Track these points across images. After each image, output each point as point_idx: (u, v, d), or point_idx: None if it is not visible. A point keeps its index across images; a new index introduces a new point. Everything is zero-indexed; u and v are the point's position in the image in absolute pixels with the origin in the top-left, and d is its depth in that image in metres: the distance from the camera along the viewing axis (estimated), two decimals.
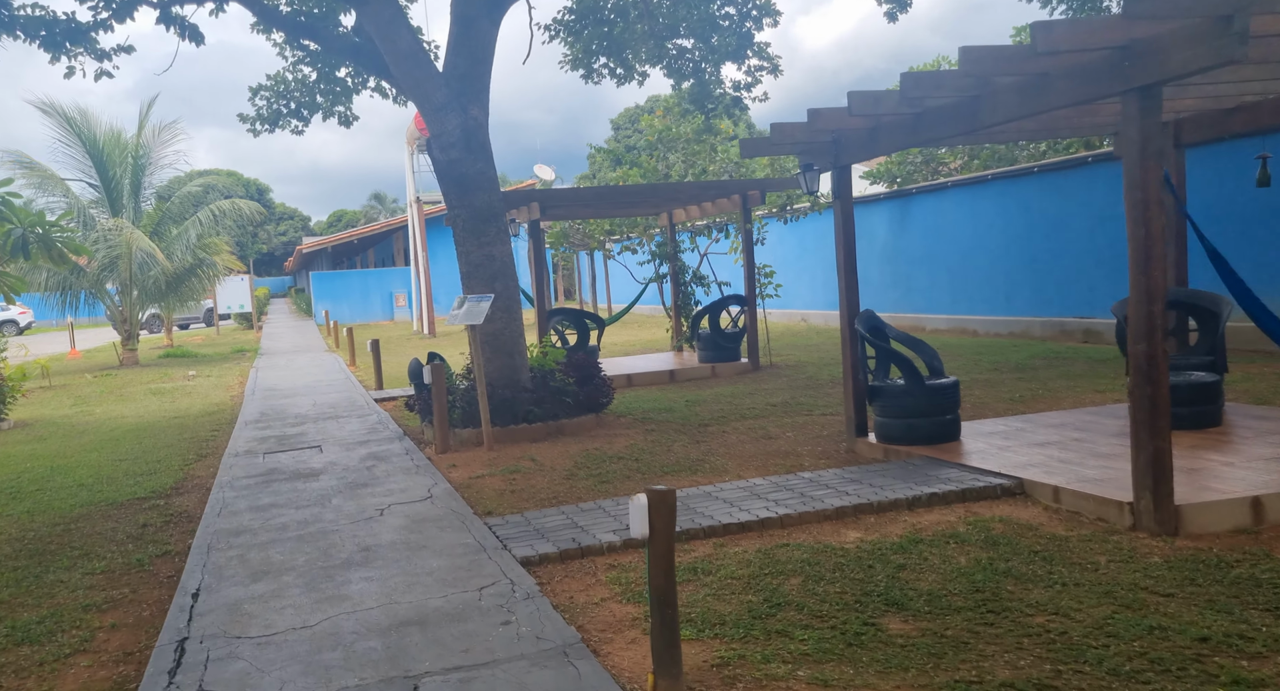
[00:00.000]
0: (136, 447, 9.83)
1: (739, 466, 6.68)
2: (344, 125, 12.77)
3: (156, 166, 21.20)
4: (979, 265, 14.38)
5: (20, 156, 19.85)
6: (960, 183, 14.80)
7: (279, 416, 11.14)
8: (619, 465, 7.00)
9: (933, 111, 5.71)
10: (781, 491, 5.68)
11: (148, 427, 11.38)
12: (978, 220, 14.34)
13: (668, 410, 9.45)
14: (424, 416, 8.89)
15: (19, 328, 42.69)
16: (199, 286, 21.96)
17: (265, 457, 8.33)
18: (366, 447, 8.44)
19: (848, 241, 6.88)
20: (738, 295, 12.73)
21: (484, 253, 8.58)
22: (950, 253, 15.05)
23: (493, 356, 8.52)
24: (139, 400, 14.62)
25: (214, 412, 12.45)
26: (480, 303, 7.88)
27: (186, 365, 20.16)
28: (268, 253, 78.70)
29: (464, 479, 6.94)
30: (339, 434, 9.38)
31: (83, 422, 12.33)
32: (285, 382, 15.16)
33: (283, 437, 9.44)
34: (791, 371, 11.98)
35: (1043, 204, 13.05)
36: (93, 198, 21.02)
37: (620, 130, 67.81)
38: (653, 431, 8.30)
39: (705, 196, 12.65)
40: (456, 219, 8.64)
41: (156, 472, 8.37)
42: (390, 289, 33.90)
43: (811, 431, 7.86)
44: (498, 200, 8.70)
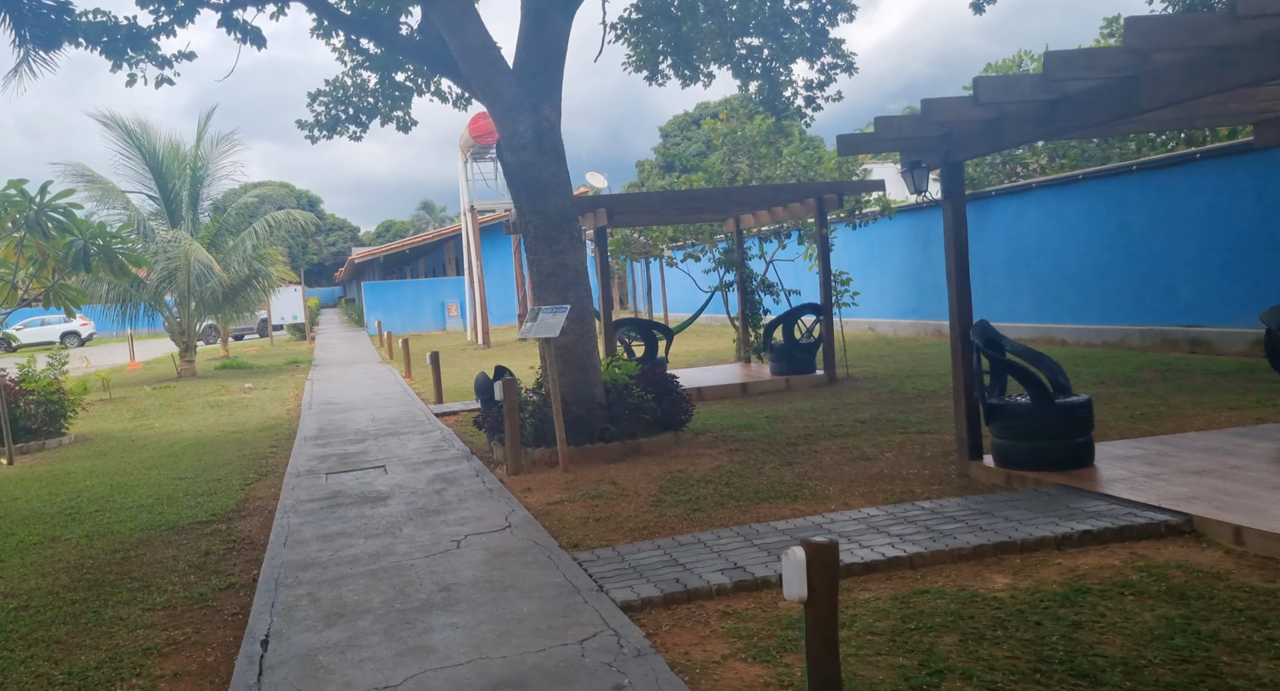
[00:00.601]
0: (196, 465, 9.53)
1: (842, 492, 6.07)
2: (402, 130, 12.45)
3: (214, 178, 21.27)
4: (1068, 271, 13.54)
5: (82, 170, 20.00)
6: (1046, 184, 13.99)
7: (338, 432, 10.79)
8: (708, 490, 6.43)
9: (1073, 97, 5.08)
10: (902, 524, 5.07)
11: (206, 443, 11.12)
12: (1066, 223, 13.52)
13: (748, 427, 8.86)
14: (491, 434, 8.43)
15: (81, 339, 43.57)
16: (254, 297, 21.94)
17: (328, 479, 7.93)
18: (433, 468, 8.00)
19: (959, 245, 6.26)
20: (813, 304, 12.10)
21: (557, 261, 8.10)
22: (1034, 258, 14.23)
23: (565, 370, 8.03)
24: (197, 413, 14.45)
25: (272, 427, 12.17)
26: (555, 314, 7.39)
27: (242, 377, 20.09)
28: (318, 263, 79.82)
29: (542, 504, 6.44)
30: (402, 452, 8.97)
31: (142, 437, 12.14)
32: (342, 395, 14.88)
33: (344, 456, 9.05)
34: (872, 384, 11.30)
35: (1142, 205, 12.20)
36: (152, 210, 21.12)
37: (669, 138, 67.50)
38: (737, 451, 7.72)
39: (778, 200, 12.06)
40: (528, 225, 8.18)
41: (217, 493, 8.02)
42: (442, 299, 33.79)
43: (912, 451, 7.21)
44: (571, 205, 8.22)
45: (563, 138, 8.27)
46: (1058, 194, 13.67)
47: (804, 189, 11.65)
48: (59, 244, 10.85)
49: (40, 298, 11.61)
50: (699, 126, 66.18)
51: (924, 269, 17.20)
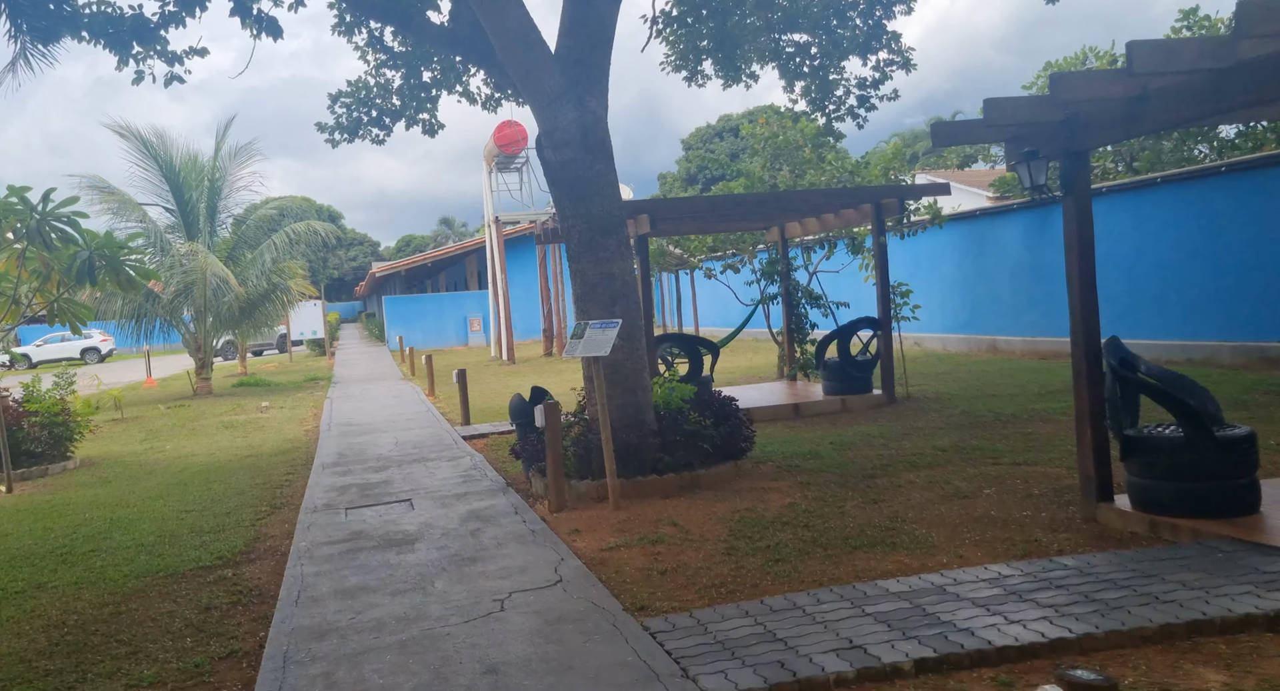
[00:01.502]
0: (205, 495, 8.73)
1: (950, 540, 5.15)
2: (428, 134, 11.69)
3: (232, 189, 20.64)
4: (1144, 282, 12.54)
5: (97, 181, 19.44)
6: (1119, 188, 13.01)
7: (358, 458, 9.96)
8: (787, 534, 5.52)
9: (1249, 66, 4.17)
10: (1047, 588, 4.14)
11: (218, 469, 10.33)
12: (1143, 230, 12.53)
13: (813, 455, 7.94)
14: (529, 464, 7.56)
15: (101, 355, 43.25)
16: (273, 312, 21.26)
17: (347, 514, 7.08)
18: (465, 503, 7.13)
19: (1084, 247, 5.34)
20: (870, 318, 11.18)
21: (602, 270, 7.25)
22: (1105, 268, 13.17)
23: (611, 393, 7.15)
24: (211, 435, 13.70)
25: (288, 451, 11.38)
26: (604, 331, 6.53)
27: (260, 395, 19.37)
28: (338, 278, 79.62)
29: (594, 551, 5.55)
30: (429, 483, 8.11)
31: (151, 461, 11.37)
32: (362, 416, 14.08)
33: (365, 487, 8.21)
34: (938, 406, 10.35)
35: (1234, 209, 11.21)
36: (169, 223, 20.52)
37: (692, 150, 66.90)
38: (809, 485, 6.80)
39: (831, 206, 11.18)
40: (570, 231, 7.34)
41: (225, 530, 7.19)
42: (465, 313, 33.07)
43: (1015, 488, 6.26)
44: (619, 208, 7.38)
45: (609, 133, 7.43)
46: (1132, 199, 12.69)
47: (861, 193, 10.76)
48: (63, 255, 10.14)
49: (45, 313, 10.88)
50: (722, 139, 65.64)
51: (976, 281, 16.24)
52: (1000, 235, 15.49)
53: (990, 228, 15.70)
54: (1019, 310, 15.08)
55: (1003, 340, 15.56)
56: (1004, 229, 15.38)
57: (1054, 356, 14.19)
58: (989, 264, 15.79)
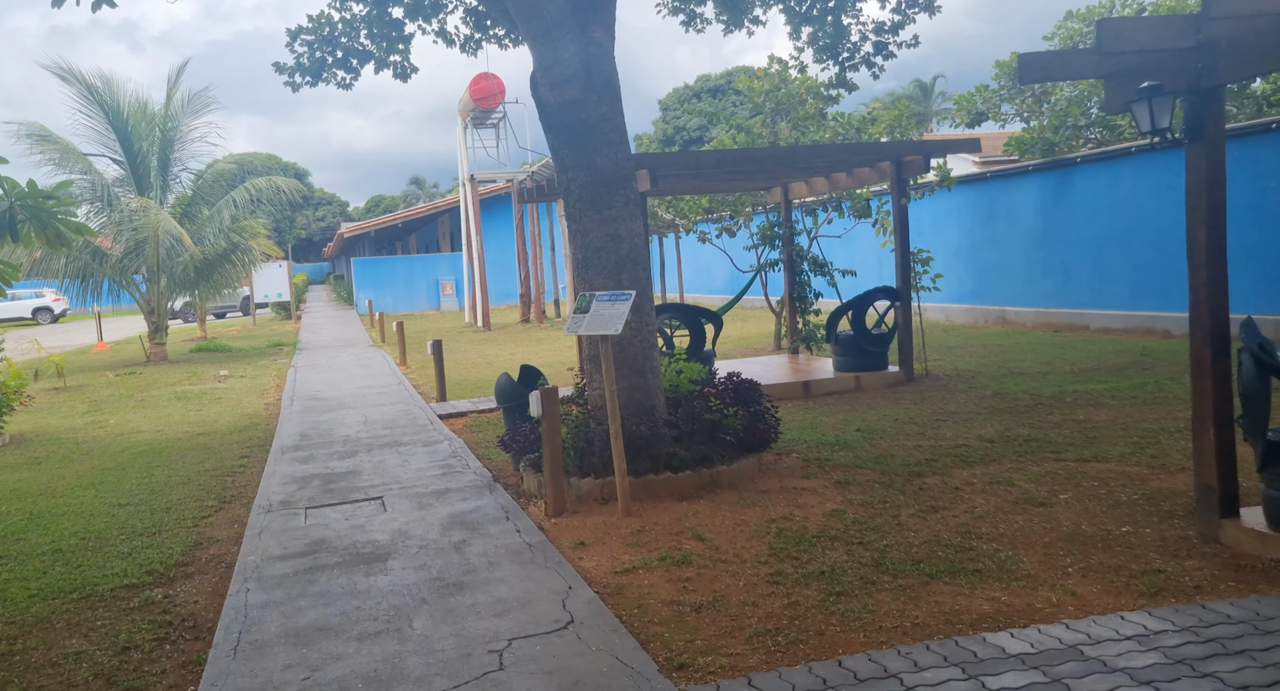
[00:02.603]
0: (145, 483, 7.62)
1: (1047, 568, 4.21)
2: (400, 78, 10.42)
3: (187, 140, 19.09)
4: (1175, 248, 11.66)
5: (36, 129, 17.83)
6: (1147, 148, 12.08)
7: (323, 439, 8.87)
8: (841, 554, 4.57)
9: None
10: (1219, 653, 3.20)
11: (164, 449, 9.20)
12: (1175, 193, 11.62)
13: (842, 445, 6.99)
14: (518, 456, 6.54)
15: (54, 315, 41.37)
16: (233, 273, 19.85)
17: (307, 516, 6.02)
18: (446, 503, 6.09)
19: (1214, 207, 4.36)
20: (887, 287, 10.21)
21: (607, 231, 6.17)
22: (1132, 234, 12.36)
23: (616, 376, 6.13)
24: (161, 407, 12.50)
25: (245, 428, 10.25)
26: (614, 304, 5.47)
27: (219, 362, 18.10)
28: (305, 238, 77.43)
29: (607, 574, 4.56)
30: (404, 475, 7.06)
31: (90, 439, 10.20)
32: (329, 388, 12.94)
33: (329, 478, 7.14)
34: (963, 385, 9.45)
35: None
36: (118, 176, 18.98)
37: (669, 112, 65.31)
38: (848, 485, 5.85)
39: (848, 164, 10.14)
40: (570, 185, 6.24)
41: (162, 530, 6.12)
42: (437, 276, 31.75)
43: (1094, 493, 5.35)
44: (627, 159, 6.28)
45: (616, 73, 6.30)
46: (1165, 160, 11.76)
47: (883, 149, 9.72)
48: None
49: None
50: (700, 100, 64.03)
51: (983, 247, 15.33)
52: (1012, 199, 14.56)
53: (1002, 191, 14.76)
54: (1031, 279, 14.20)
55: (1012, 311, 14.71)
56: (1017, 192, 14.45)
57: (1068, 329, 13.37)
58: (999, 230, 14.87)
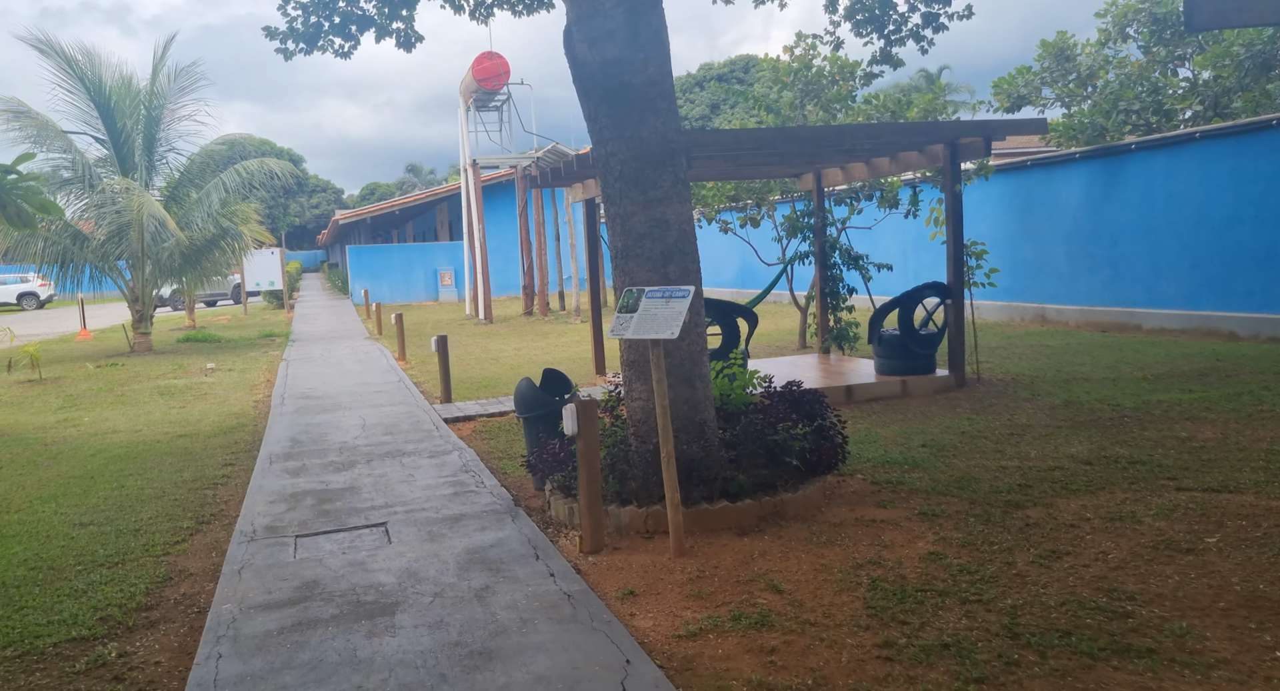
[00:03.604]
0: (114, 496, 6.71)
1: (1239, 647, 3.33)
2: (404, 47, 9.46)
3: (174, 118, 18.05)
4: (1243, 245, 10.80)
5: (14, 104, 16.80)
6: (1215, 133, 11.18)
7: (316, 447, 7.95)
8: (958, 618, 3.68)
9: None
10: None
11: (140, 454, 8.29)
12: (1241, 183, 10.75)
13: (909, 463, 6.11)
14: (541, 474, 5.63)
15: (40, 301, 40.30)
16: (223, 260, 18.84)
17: (298, 548, 5.10)
18: (462, 533, 5.18)
19: None
20: (937, 283, 9.32)
21: (653, 216, 5.26)
22: (1190, 228, 11.47)
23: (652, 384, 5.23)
24: (141, 403, 11.57)
25: (231, 430, 9.33)
26: (669, 302, 4.57)
27: (206, 353, 17.14)
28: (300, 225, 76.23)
29: (669, 639, 3.67)
30: (409, 493, 6.15)
31: (60, 440, 9.27)
32: (323, 384, 12.01)
33: (324, 496, 6.23)
34: (1023, 391, 8.57)
35: None
36: (100, 155, 17.95)
37: None
38: (936, 517, 4.96)
39: (897, 145, 9.24)
40: (609, 161, 5.32)
41: (126, 559, 5.21)
42: (435, 266, 30.75)
43: (1248, 535, 4.45)
44: (677, 130, 5.36)
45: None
46: (1232, 146, 10.87)
47: (938, 130, 8.81)
48: None
49: None
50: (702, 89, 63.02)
51: (1021, 241, 14.44)
52: (1055, 189, 13.67)
53: (1043, 180, 13.86)
54: (1075, 275, 13.32)
55: (1052, 309, 13.84)
56: (1060, 181, 13.55)
57: (1117, 329, 12.50)
58: (1038, 222, 13.98)
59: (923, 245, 16.82)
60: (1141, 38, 14.32)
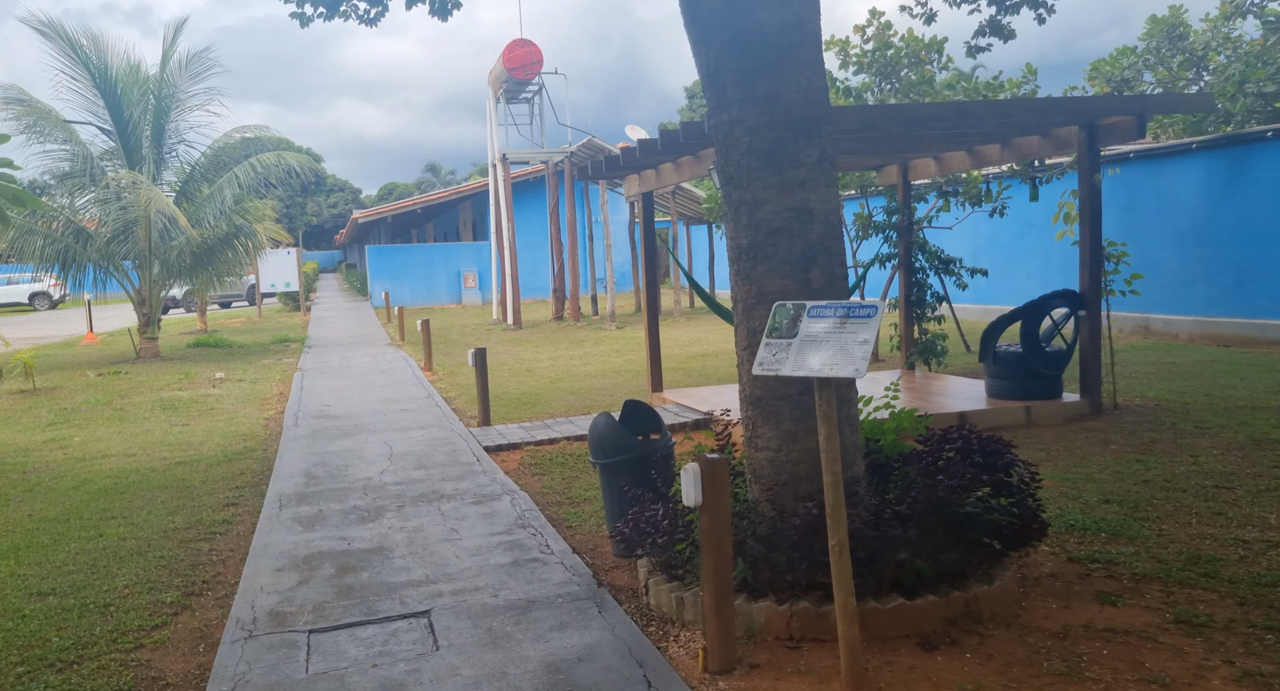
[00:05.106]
0: (89, 549, 5.43)
1: None
2: (439, 15, 8.14)
3: (185, 108, 16.84)
4: None
5: (13, 91, 15.63)
6: None
7: (335, 485, 6.62)
8: None
9: None
10: None
11: (130, 487, 7.01)
12: None
13: (1105, 529, 4.69)
14: (631, 546, 4.25)
15: (52, 301, 39.33)
16: (236, 260, 17.63)
17: (311, 653, 3.75)
18: (534, 634, 3.81)
19: None
20: (1068, 292, 7.90)
21: (791, 203, 3.90)
22: None
23: (795, 431, 3.87)
24: (141, 419, 10.31)
25: (236, 456, 8.04)
26: (847, 324, 3.19)
27: (216, 360, 15.90)
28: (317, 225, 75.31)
29: None
30: (455, 559, 4.78)
31: (42, 466, 8.01)
32: (342, 400, 10.70)
33: (345, 562, 4.88)
34: (1184, 422, 7.12)
35: None
36: (106, 147, 16.75)
37: (696, 99, 62.87)
38: (1202, 629, 3.55)
39: (1019, 128, 7.82)
40: (732, 128, 3.96)
41: (83, 661, 3.90)
42: (458, 267, 29.47)
43: None
44: (824, 88, 3.99)
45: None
46: None
47: (1074, 108, 7.37)
48: None
49: None
50: None
51: None
52: (1164, 184, 12.19)
53: (1150, 174, 12.39)
54: (1188, 282, 11.83)
55: (1159, 319, 12.36)
56: (1172, 176, 12.06)
57: (1241, 343, 11.01)
58: (1143, 221, 12.50)
59: (997, 246, 15.36)
60: (1271, 14, 12.69)
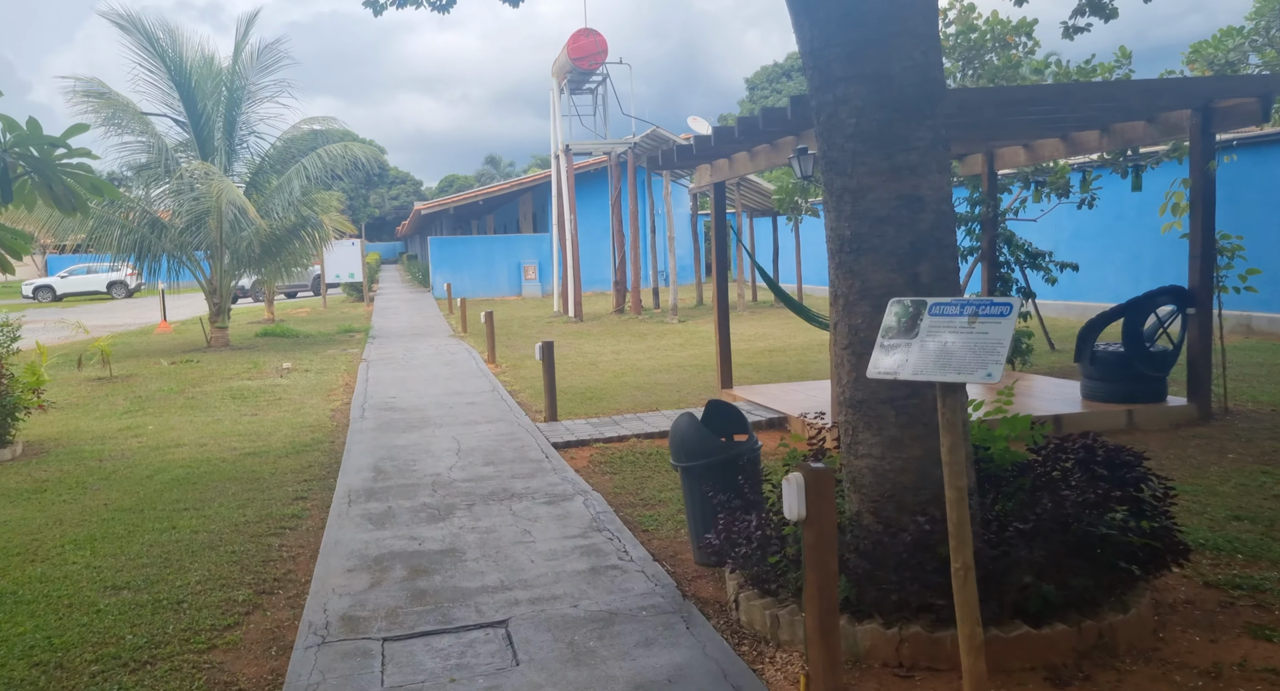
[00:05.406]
0: (161, 542, 5.38)
1: None
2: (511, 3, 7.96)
3: (255, 99, 17.04)
4: None
5: (94, 85, 15.96)
6: None
7: (404, 481, 6.49)
8: None
9: None
10: None
11: (201, 478, 7.00)
12: None
13: (1241, 550, 4.27)
14: (719, 556, 3.99)
15: (129, 290, 40.54)
16: (303, 251, 17.81)
17: (386, 665, 3.56)
18: (619, 651, 3.57)
19: None
20: (1175, 288, 7.39)
21: (900, 189, 3.59)
22: None
23: (903, 438, 3.56)
24: (211, 408, 10.39)
25: (304, 448, 8.00)
26: (976, 323, 2.87)
27: (283, 350, 16.07)
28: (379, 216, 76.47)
29: None
30: (530, 564, 4.58)
31: (117, 454, 8.07)
32: (407, 392, 10.64)
33: (417, 563, 4.71)
34: None
35: None
36: (180, 139, 17.04)
37: (757, 91, 62.15)
38: None
39: (1123, 113, 7.31)
40: (836, 108, 3.66)
41: (155, 661, 3.80)
42: (519, 259, 29.48)
43: None
44: (939, 65, 3.66)
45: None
46: None
47: (1188, 90, 6.84)
48: None
49: None
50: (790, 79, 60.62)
51: None
52: (1271, 173, 11.45)
53: (1255, 164, 11.65)
54: None
55: (1263, 317, 11.64)
56: None
57: None
58: (1245, 213, 11.77)
59: (1083, 239, 14.67)
60: None
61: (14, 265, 8.14)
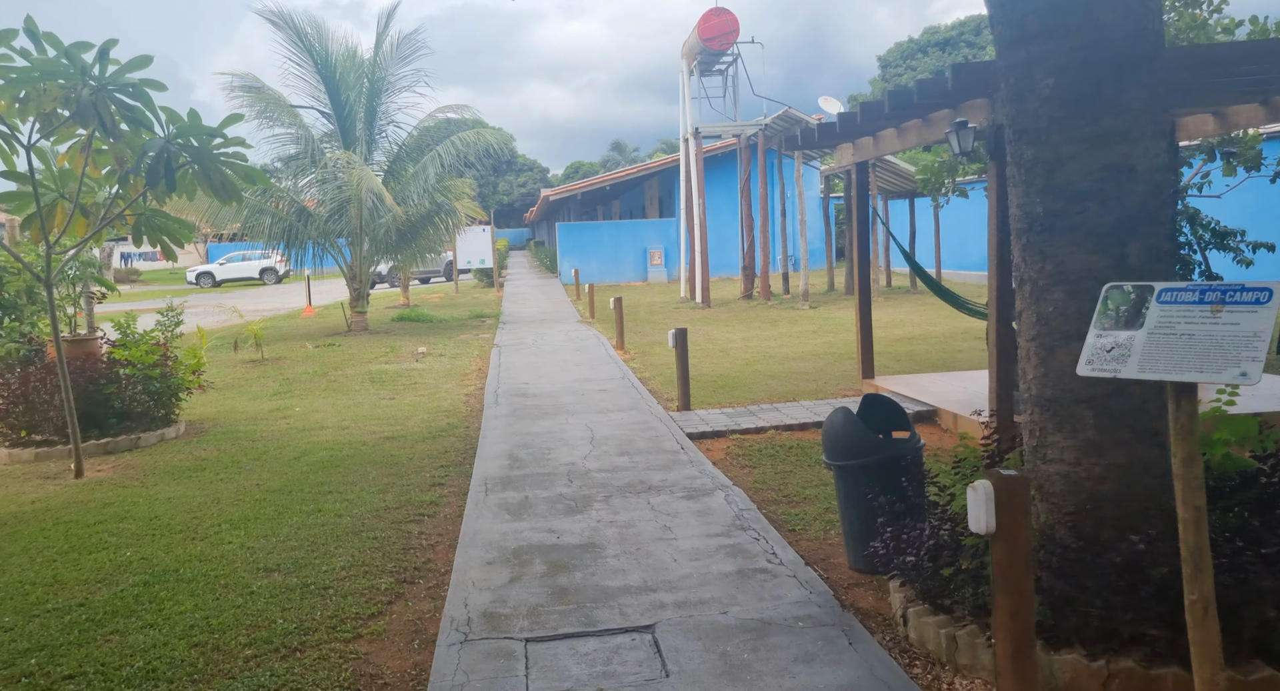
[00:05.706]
0: (307, 526, 5.45)
1: None
2: None
3: (394, 89, 17.53)
4: None
5: (250, 80, 16.78)
6: None
7: (539, 470, 6.39)
8: None
9: None
10: None
11: (343, 460, 7.14)
12: None
13: None
14: (886, 565, 3.64)
15: (278, 276, 42.98)
16: (436, 237, 18.26)
17: (530, 668, 3.41)
18: (775, 667, 3.28)
19: None
20: None
21: (1106, 158, 3.13)
22: None
23: (1102, 443, 3.12)
24: (352, 391, 10.71)
25: (440, 432, 8.07)
26: (1224, 312, 2.42)
27: (418, 335, 16.51)
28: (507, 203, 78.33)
29: None
30: (674, 564, 4.35)
31: (268, 435, 8.38)
32: (538, 378, 10.65)
33: (555, 558, 4.56)
34: None
35: None
36: (325, 130, 17.74)
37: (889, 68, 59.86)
38: None
39: None
40: (1029, 68, 3.22)
41: (304, 648, 3.79)
42: (644, 244, 29.41)
43: None
44: (1156, 13, 3.17)
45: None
46: None
47: None
48: (134, 143, 6.99)
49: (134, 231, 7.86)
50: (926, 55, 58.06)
51: None
52: None
53: None
54: None
55: None
56: None
57: None
58: None
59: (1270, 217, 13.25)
60: None
61: (177, 253, 8.49)
